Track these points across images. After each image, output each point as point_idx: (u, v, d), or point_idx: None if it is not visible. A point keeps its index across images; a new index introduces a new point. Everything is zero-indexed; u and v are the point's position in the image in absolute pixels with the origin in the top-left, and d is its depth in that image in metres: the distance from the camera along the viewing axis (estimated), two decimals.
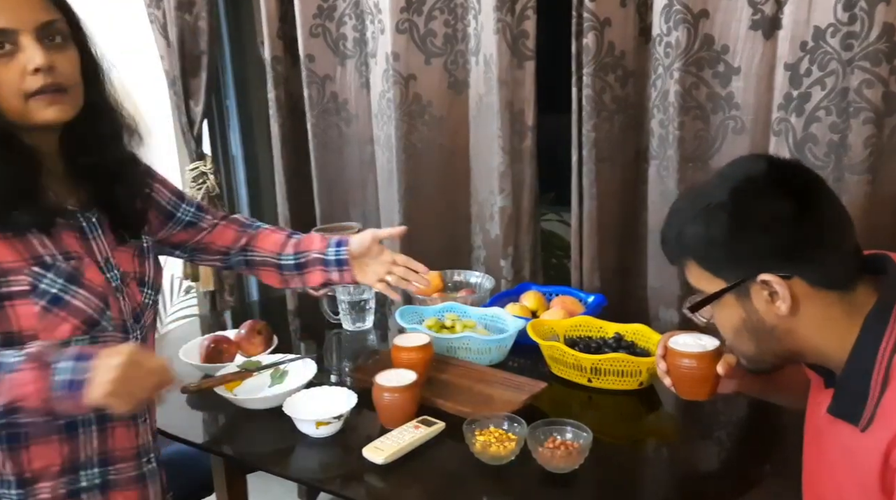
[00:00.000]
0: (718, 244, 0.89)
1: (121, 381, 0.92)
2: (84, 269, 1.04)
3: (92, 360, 0.93)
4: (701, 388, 1.12)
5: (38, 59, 0.95)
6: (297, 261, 1.38)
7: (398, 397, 1.27)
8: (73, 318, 1.01)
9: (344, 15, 2.02)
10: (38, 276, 0.99)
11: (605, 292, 1.72)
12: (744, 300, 0.91)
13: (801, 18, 1.35)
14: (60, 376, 0.92)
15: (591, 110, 1.64)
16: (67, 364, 0.93)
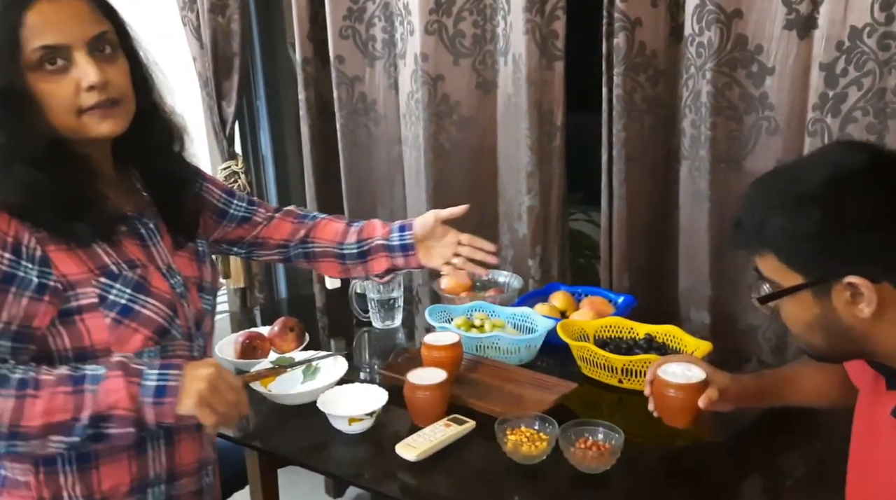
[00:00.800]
0: (806, 240, 0.84)
1: (210, 392, 0.92)
2: (150, 277, 1.02)
3: (179, 369, 0.94)
4: (683, 416, 1.16)
5: (93, 76, 0.93)
6: (361, 249, 1.34)
7: (429, 395, 1.28)
8: (145, 328, 0.99)
9: (373, 17, 2.03)
10: (105, 287, 0.97)
11: (634, 292, 1.71)
12: (822, 298, 0.86)
13: (837, 18, 1.34)
14: (150, 381, 0.92)
15: (622, 110, 1.64)
16: (154, 371, 0.93)
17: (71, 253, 0.96)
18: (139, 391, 0.91)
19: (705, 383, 1.14)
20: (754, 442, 1.23)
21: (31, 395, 0.89)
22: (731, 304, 1.65)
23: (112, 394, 0.91)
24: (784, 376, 1.23)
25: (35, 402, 0.89)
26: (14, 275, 0.91)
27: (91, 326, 0.96)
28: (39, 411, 0.89)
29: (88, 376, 0.92)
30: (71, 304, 0.95)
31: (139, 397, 0.91)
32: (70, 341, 0.96)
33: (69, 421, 0.90)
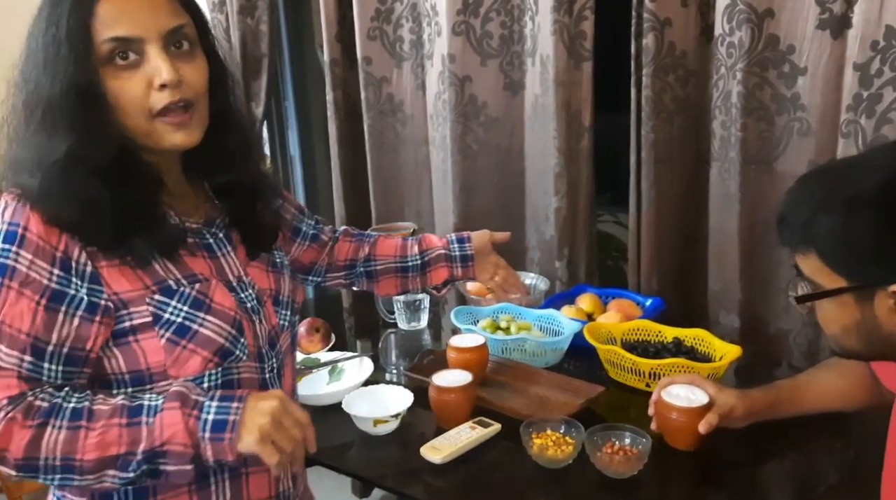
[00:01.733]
0: (854, 244, 0.82)
1: (273, 427, 0.85)
2: (212, 292, 0.93)
3: (241, 401, 0.86)
4: (685, 438, 1.18)
5: (166, 73, 0.85)
6: (423, 259, 1.31)
7: (454, 397, 1.28)
8: (204, 349, 0.91)
9: (401, 18, 2.04)
10: (160, 304, 0.89)
11: (662, 295, 1.69)
12: (864, 303, 0.84)
13: (872, 17, 1.31)
14: (209, 414, 0.84)
15: (651, 111, 1.63)
16: (214, 404, 0.85)
17: (124, 269, 0.89)
18: (197, 425, 0.84)
19: (708, 407, 1.15)
20: (785, 447, 1.22)
21: (85, 426, 0.84)
22: (762, 307, 1.62)
23: (168, 428, 0.84)
24: (800, 384, 1.22)
25: (88, 434, 0.83)
26: (64, 293, 0.85)
27: (146, 347, 0.89)
28: (93, 444, 0.83)
29: (145, 407, 0.85)
30: (124, 324, 0.88)
31: (196, 433, 0.84)
32: (125, 364, 0.90)
33: (124, 455, 0.84)
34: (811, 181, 0.90)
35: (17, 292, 0.84)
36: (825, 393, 1.20)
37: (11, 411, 0.83)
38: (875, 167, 0.83)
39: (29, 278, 0.84)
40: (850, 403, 1.19)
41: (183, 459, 0.84)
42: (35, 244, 0.84)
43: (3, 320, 0.84)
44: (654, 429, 1.20)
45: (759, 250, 1.58)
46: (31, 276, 0.84)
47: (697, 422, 1.14)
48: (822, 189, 0.86)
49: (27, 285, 0.84)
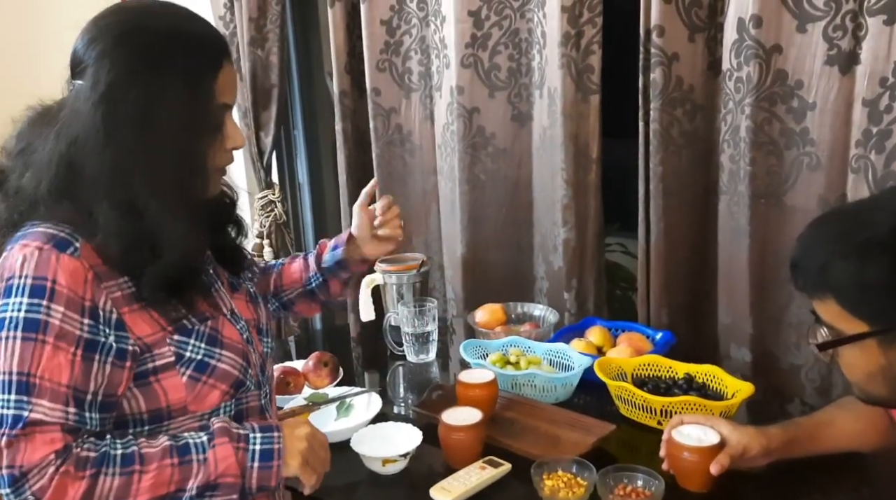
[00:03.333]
0: (872, 288, 0.81)
1: (310, 451, 0.94)
2: (221, 328, 0.99)
3: (279, 431, 0.94)
4: (696, 479, 1.15)
5: (240, 139, 0.97)
6: (323, 276, 1.32)
7: (464, 436, 1.27)
8: (222, 383, 0.97)
9: (410, 50, 2.05)
10: (181, 344, 0.94)
11: (672, 328, 1.68)
12: (887, 348, 0.84)
13: (880, 54, 1.32)
14: (255, 446, 0.91)
15: (659, 144, 1.63)
16: (258, 435, 0.92)
17: (143, 313, 0.92)
18: (246, 457, 0.91)
19: (720, 446, 1.13)
20: (803, 489, 1.20)
21: (139, 470, 0.87)
22: (773, 342, 1.61)
23: (222, 462, 0.89)
24: (820, 422, 1.20)
25: (143, 477, 0.87)
26: (96, 342, 0.88)
27: (167, 386, 0.93)
28: (147, 487, 0.87)
29: (192, 445, 0.90)
30: (147, 366, 0.92)
31: (245, 463, 0.90)
32: (146, 404, 0.93)
33: (175, 493, 0.88)
34: (823, 226, 0.89)
35: (52, 346, 0.85)
36: (841, 432, 1.18)
37: (63, 465, 0.85)
38: (888, 209, 0.82)
39: (63, 330, 0.86)
40: (866, 443, 1.17)
41: (233, 489, 0.90)
42: (65, 296, 0.86)
43: (43, 375, 0.85)
44: (665, 469, 1.18)
45: (770, 285, 1.57)
46: (65, 328, 0.86)
47: (709, 462, 1.13)
48: (834, 234, 0.85)
49: (62, 337, 0.86)
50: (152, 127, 0.89)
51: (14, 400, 0.84)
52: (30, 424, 0.84)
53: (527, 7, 1.83)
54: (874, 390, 0.91)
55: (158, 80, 0.89)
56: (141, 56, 0.90)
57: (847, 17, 1.36)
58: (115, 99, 0.88)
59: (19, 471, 0.83)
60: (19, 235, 0.90)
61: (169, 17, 0.93)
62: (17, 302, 0.85)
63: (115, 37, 0.90)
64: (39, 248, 0.87)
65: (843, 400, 1.23)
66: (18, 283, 0.86)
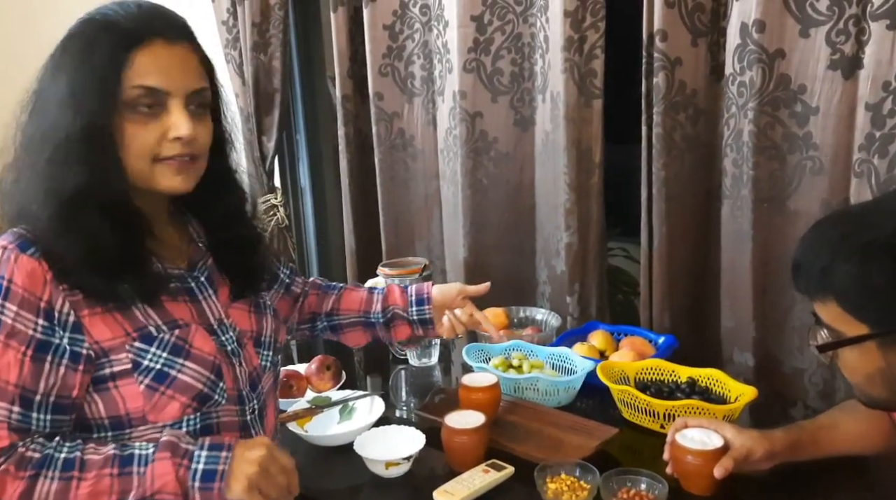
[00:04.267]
0: (874, 290, 0.81)
1: (260, 476, 0.88)
2: (191, 338, 0.96)
3: (229, 450, 0.89)
4: (701, 483, 1.15)
5: (185, 129, 0.90)
6: (386, 317, 1.33)
7: (467, 440, 1.26)
8: (182, 395, 0.93)
9: (412, 54, 2.06)
10: (139, 351, 0.92)
11: (675, 332, 1.68)
12: (887, 350, 0.84)
13: (883, 59, 1.32)
14: (198, 465, 0.88)
15: (661, 149, 1.63)
16: (203, 453, 0.88)
17: (106, 316, 0.91)
18: (187, 475, 0.87)
19: (724, 450, 1.13)
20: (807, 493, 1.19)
21: (77, 477, 0.86)
22: (776, 346, 1.61)
23: (160, 479, 0.87)
24: (823, 425, 1.20)
25: (80, 484, 0.86)
26: (49, 343, 0.88)
27: (125, 393, 0.91)
28: (84, 495, 0.86)
29: (136, 457, 0.88)
30: (104, 371, 0.91)
31: (186, 483, 0.87)
32: (105, 410, 0.92)
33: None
34: (825, 228, 0.89)
35: (2, 343, 0.86)
36: (845, 435, 1.18)
37: (4, 463, 0.85)
38: (890, 212, 0.82)
39: (15, 329, 0.86)
40: (869, 447, 1.17)
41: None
42: (20, 296, 0.86)
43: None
44: (669, 473, 1.18)
45: (773, 289, 1.57)
46: (17, 327, 0.86)
47: (713, 466, 1.12)
48: (837, 235, 0.85)
49: (13, 336, 0.86)
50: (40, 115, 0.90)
51: None
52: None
53: (529, 12, 1.84)
54: (874, 393, 0.91)
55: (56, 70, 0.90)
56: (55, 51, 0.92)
57: (850, 22, 1.36)
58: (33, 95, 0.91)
59: None
60: None
61: (101, 8, 0.93)
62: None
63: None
64: (3, 247, 0.88)
65: (846, 404, 1.23)
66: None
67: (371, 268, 1.93)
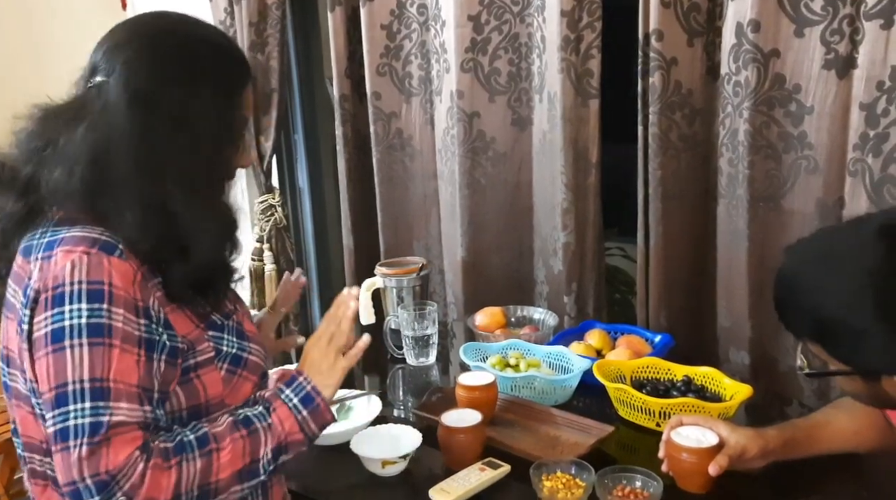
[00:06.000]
0: (855, 341, 0.84)
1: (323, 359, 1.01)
2: (242, 321, 1.03)
3: (299, 374, 1.00)
4: (696, 480, 1.16)
5: (250, 159, 1.05)
6: None
7: (464, 438, 1.27)
8: (253, 374, 1.00)
9: (410, 54, 2.07)
10: (216, 339, 0.97)
11: (672, 331, 1.69)
12: (872, 382, 0.87)
13: (877, 58, 1.33)
14: (297, 399, 0.97)
15: (658, 148, 1.64)
16: (289, 388, 0.98)
17: (180, 311, 0.94)
18: (297, 410, 0.96)
19: (719, 447, 1.14)
20: (802, 490, 1.20)
21: (215, 448, 0.90)
22: (772, 345, 1.62)
23: (286, 422, 0.95)
24: (816, 423, 1.21)
25: (219, 455, 0.90)
26: (153, 341, 0.90)
27: (207, 381, 0.95)
28: (226, 463, 0.90)
29: (252, 416, 0.94)
30: (189, 362, 0.94)
31: (297, 415, 0.96)
32: (186, 401, 0.94)
33: (252, 464, 0.92)
34: (808, 268, 0.90)
35: (120, 348, 0.86)
36: (840, 433, 1.19)
37: (150, 459, 0.86)
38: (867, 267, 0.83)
39: (126, 332, 0.87)
40: (863, 444, 1.18)
41: (301, 444, 0.97)
42: (122, 298, 0.87)
43: (116, 378, 0.85)
44: (664, 471, 1.19)
45: (769, 288, 1.53)
46: (127, 330, 0.87)
47: (708, 463, 1.13)
48: (821, 276, 0.87)
49: (127, 340, 0.87)
50: (187, 130, 0.91)
51: (89, 408, 0.84)
52: (112, 427, 0.84)
53: (526, 12, 1.84)
54: (863, 401, 0.94)
55: (195, 85, 0.92)
56: (176, 60, 0.92)
57: (844, 22, 1.37)
58: (151, 99, 0.90)
59: (107, 475, 0.83)
60: (51, 242, 0.88)
61: (202, 29, 0.98)
62: (75, 309, 0.84)
63: (146, 38, 0.92)
64: (87, 252, 0.86)
65: (840, 401, 1.24)
66: (72, 289, 0.85)
67: (369, 268, 1.94)
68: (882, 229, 0.84)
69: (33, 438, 0.94)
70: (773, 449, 1.16)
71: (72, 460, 0.83)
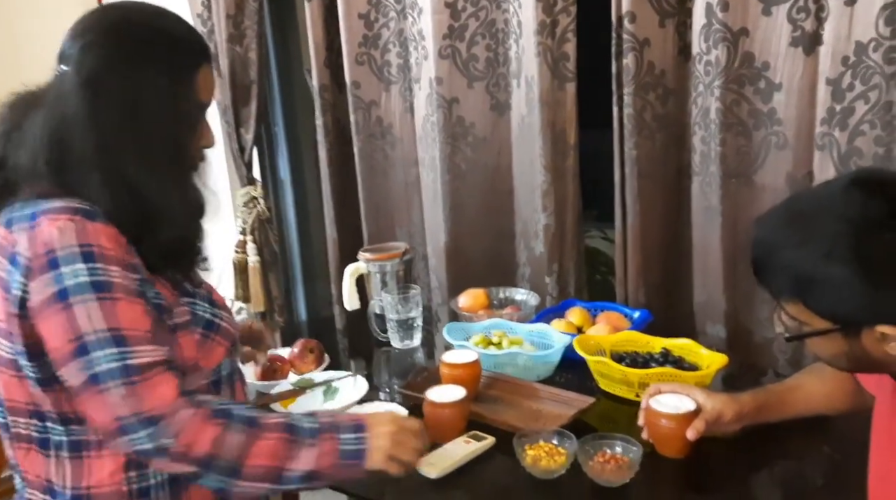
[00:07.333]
0: (836, 291, 0.84)
1: (394, 446, 1.00)
2: (213, 291, 1.09)
3: (367, 430, 1.00)
4: (674, 445, 1.20)
5: (211, 139, 1.05)
6: None
7: (449, 411, 1.30)
8: (225, 340, 1.04)
9: (388, 43, 2.08)
10: (191, 304, 1.02)
11: (650, 307, 1.73)
12: (851, 339, 0.88)
13: (842, 34, 1.37)
14: (347, 446, 0.98)
15: (633, 128, 1.67)
16: (349, 435, 0.99)
17: (154, 277, 0.98)
18: (339, 456, 0.97)
19: (696, 413, 1.18)
20: (774, 452, 1.24)
21: (258, 435, 0.93)
22: (746, 317, 1.66)
23: (328, 456, 0.96)
24: (789, 387, 1.25)
25: (258, 442, 0.92)
26: (146, 295, 0.94)
27: (183, 344, 0.99)
28: (262, 452, 0.92)
29: (304, 429, 0.96)
30: (167, 323, 0.98)
31: (338, 460, 0.97)
32: None
33: (286, 469, 0.94)
34: (782, 229, 0.91)
35: (125, 300, 0.90)
36: (811, 396, 1.23)
37: (193, 407, 0.90)
38: (842, 217, 0.84)
39: (125, 286, 0.90)
40: (834, 406, 1.22)
41: (328, 479, 0.99)
42: (114, 257, 0.90)
43: (128, 326, 0.89)
44: (644, 438, 1.22)
45: (742, 262, 1.61)
46: (125, 284, 0.90)
47: (685, 429, 1.17)
48: (795, 238, 0.87)
49: (129, 292, 0.90)
50: (136, 113, 0.95)
51: (116, 353, 0.87)
52: (143, 369, 0.88)
53: None
54: (839, 365, 0.97)
55: (142, 70, 0.95)
56: (125, 47, 0.96)
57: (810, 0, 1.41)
58: (98, 84, 0.94)
59: (151, 414, 0.87)
60: (33, 213, 0.91)
61: (153, 17, 1.00)
62: (73, 270, 0.88)
63: (102, 28, 0.97)
64: (70, 219, 0.90)
65: (812, 367, 1.28)
66: (64, 253, 0.88)
67: (353, 257, 1.96)
68: (854, 181, 0.86)
69: (17, 401, 0.97)
70: (747, 413, 1.20)
71: (111, 400, 0.87)
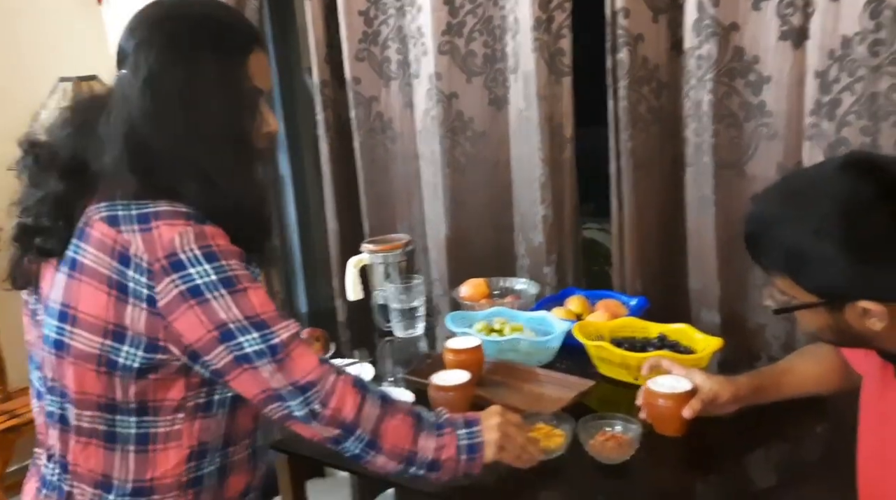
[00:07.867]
0: (823, 267, 0.89)
1: (504, 439, 1.06)
2: None
3: (478, 424, 1.06)
4: (672, 424, 1.24)
5: (275, 124, 1.06)
6: None
7: (453, 395, 1.34)
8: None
9: (388, 39, 2.13)
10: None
11: (646, 295, 1.78)
12: (835, 312, 0.92)
13: (828, 28, 1.42)
14: (463, 441, 1.03)
15: (627, 121, 1.72)
16: (464, 430, 1.05)
17: None
18: (458, 450, 1.03)
19: (692, 393, 1.22)
20: (769, 431, 1.29)
21: (391, 413, 1.00)
22: (740, 303, 1.71)
23: (448, 449, 1.02)
24: (782, 369, 1.30)
25: (391, 421, 1.00)
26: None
27: None
28: (391, 431, 0.99)
29: (428, 419, 1.04)
30: None
31: (457, 454, 1.03)
32: None
33: (415, 452, 1.00)
34: (775, 206, 0.96)
35: (251, 288, 0.96)
36: (804, 377, 1.28)
37: (343, 375, 0.98)
38: (832, 196, 0.89)
39: (246, 275, 0.97)
40: (826, 386, 1.27)
41: (447, 473, 1.03)
42: (230, 251, 0.96)
43: (263, 311, 0.95)
44: (643, 419, 1.27)
45: (735, 250, 1.66)
46: (246, 273, 0.97)
47: (682, 408, 1.21)
48: (786, 214, 0.93)
49: (251, 280, 0.97)
50: (196, 105, 0.97)
51: (259, 336, 0.94)
52: (286, 345, 0.94)
53: None
54: (825, 339, 1.02)
55: (193, 62, 0.97)
56: (175, 42, 0.98)
57: None
58: (156, 83, 0.97)
59: (303, 381, 0.95)
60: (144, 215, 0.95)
61: (200, 7, 1.03)
62: (200, 270, 0.93)
63: (150, 26, 1.00)
64: (186, 224, 0.95)
65: (805, 349, 1.33)
66: (188, 256, 0.93)
67: (354, 251, 1.99)
68: (845, 164, 0.91)
69: (90, 393, 0.98)
70: (743, 395, 1.25)
71: (264, 375, 0.94)
